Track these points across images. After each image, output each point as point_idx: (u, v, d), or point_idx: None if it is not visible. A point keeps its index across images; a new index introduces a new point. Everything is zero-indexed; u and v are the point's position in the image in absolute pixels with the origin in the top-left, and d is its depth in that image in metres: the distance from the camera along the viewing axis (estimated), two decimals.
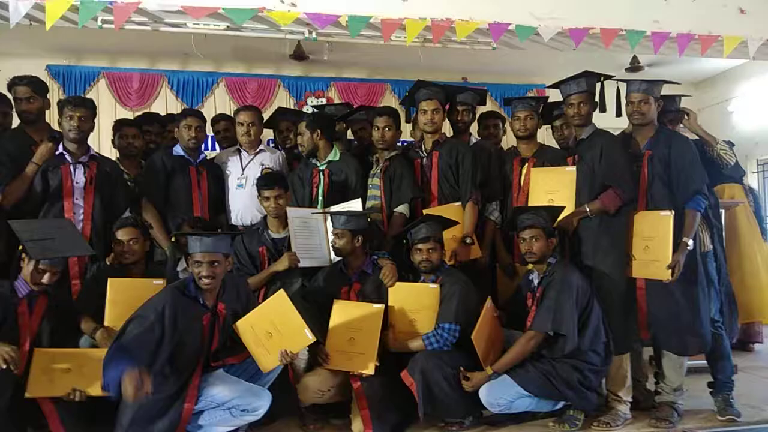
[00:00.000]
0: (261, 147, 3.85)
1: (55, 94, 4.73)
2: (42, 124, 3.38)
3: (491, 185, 3.54)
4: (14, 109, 3.42)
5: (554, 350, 2.89)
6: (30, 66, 4.46)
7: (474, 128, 3.96)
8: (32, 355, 2.64)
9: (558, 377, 2.85)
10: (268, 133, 4.37)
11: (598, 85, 3.36)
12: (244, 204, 3.68)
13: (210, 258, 2.65)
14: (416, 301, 3.04)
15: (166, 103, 5.41)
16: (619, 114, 3.41)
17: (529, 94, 5.66)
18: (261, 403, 2.63)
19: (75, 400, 2.57)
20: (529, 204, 3.29)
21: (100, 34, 3.82)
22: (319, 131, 3.56)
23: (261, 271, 3.22)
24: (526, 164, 3.49)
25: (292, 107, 5.54)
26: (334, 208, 3.32)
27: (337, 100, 5.73)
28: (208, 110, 5.02)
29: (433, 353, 2.90)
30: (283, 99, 5.72)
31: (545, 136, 3.95)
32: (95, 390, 2.61)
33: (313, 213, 3.38)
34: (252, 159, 3.78)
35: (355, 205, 3.35)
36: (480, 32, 3.89)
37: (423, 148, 3.59)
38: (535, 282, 3.03)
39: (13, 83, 3.32)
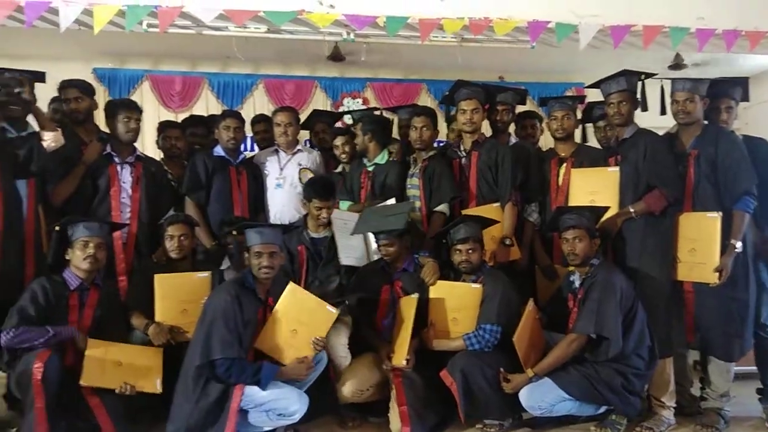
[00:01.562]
0: (298, 147, 3.90)
1: (101, 96, 4.84)
2: (90, 125, 3.51)
3: (530, 186, 3.50)
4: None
5: (597, 353, 2.84)
6: (77, 69, 4.61)
7: (511, 128, 3.93)
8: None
9: (600, 381, 2.80)
10: (305, 133, 4.40)
11: (640, 83, 3.30)
12: (282, 203, 3.74)
13: (270, 249, 2.76)
14: (457, 300, 3.03)
15: (207, 105, 5.50)
16: (663, 112, 3.34)
17: (568, 93, 5.56)
18: (297, 407, 2.67)
19: (126, 393, 2.66)
20: (569, 205, 3.24)
21: (144, 38, 3.92)
22: (371, 133, 3.62)
23: (300, 269, 3.26)
24: (564, 165, 3.44)
25: (328, 108, 5.59)
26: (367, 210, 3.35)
27: (372, 101, 5.76)
28: (248, 111, 5.08)
29: (473, 353, 2.90)
30: (319, 100, 5.76)
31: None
32: (144, 386, 2.72)
33: (351, 214, 3.42)
34: (290, 159, 3.83)
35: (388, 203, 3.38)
36: (518, 30, 3.87)
37: (461, 148, 3.57)
38: (577, 283, 2.98)
39: (63, 86, 3.46)
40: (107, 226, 2.97)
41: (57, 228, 2.88)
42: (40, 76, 3.21)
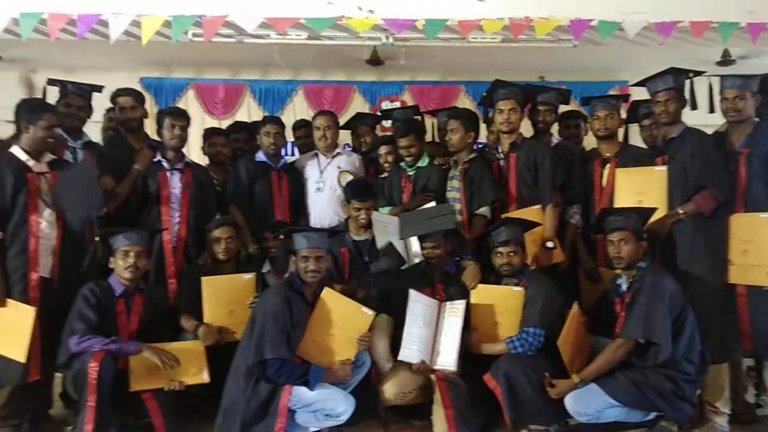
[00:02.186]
0: (338, 150, 3.93)
1: (148, 105, 4.99)
2: (141, 132, 3.64)
3: (573, 187, 3.44)
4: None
5: (646, 359, 2.77)
6: (125, 79, 4.76)
7: (554, 129, 3.87)
8: None
9: (649, 387, 2.73)
10: (346, 137, 4.44)
11: (687, 81, 3.21)
12: (322, 207, 3.78)
13: (317, 253, 2.82)
14: (499, 303, 3.01)
15: (249, 112, 5.61)
16: (712, 110, 3.24)
17: (611, 92, 5.45)
18: (344, 408, 2.71)
19: (176, 389, 2.75)
20: (614, 206, 3.18)
21: (188, 47, 4.02)
22: (423, 139, 3.70)
23: (342, 272, 3.30)
24: (608, 165, 3.37)
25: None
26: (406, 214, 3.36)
27: (410, 104, 5.75)
28: (288, 117, 5.15)
29: (517, 357, 2.87)
30: (358, 104, 5.78)
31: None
32: (192, 379, 2.81)
33: (390, 217, 3.43)
34: (329, 162, 3.87)
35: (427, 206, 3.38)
36: (560, 29, 3.81)
37: (499, 150, 3.54)
38: (624, 287, 2.91)
39: (117, 94, 3.59)
40: (147, 234, 3.05)
41: (97, 239, 2.98)
42: (98, 89, 3.43)
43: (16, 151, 2.94)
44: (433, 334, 2.96)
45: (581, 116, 4.00)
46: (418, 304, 2.94)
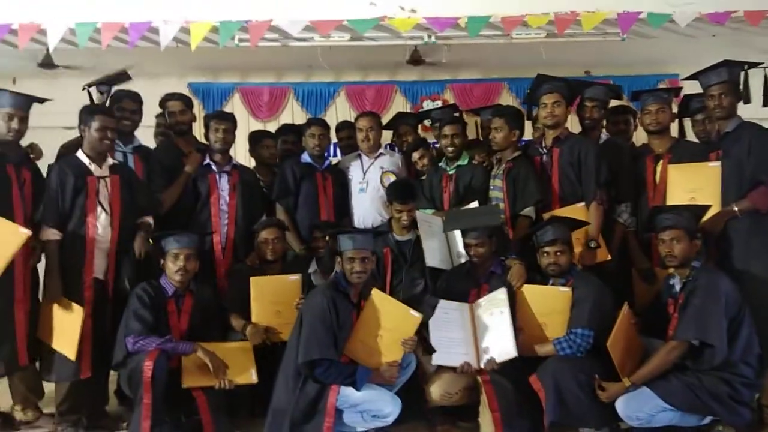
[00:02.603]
0: (381, 151, 3.95)
1: (196, 109, 5.14)
2: (190, 136, 3.74)
3: (621, 185, 3.36)
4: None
5: (700, 362, 2.68)
6: (174, 84, 4.90)
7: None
8: None
9: (704, 390, 2.64)
10: (389, 137, 4.45)
11: (742, 73, 3.09)
12: (365, 208, 3.80)
13: (362, 254, 2.84)
14: (546, 304, 2.97)
15: (292, 114, 5.69)
16: (766, 103, 3.12)
17: (661, 86, 5.29)
18: (390, 409, 2.72)
19: (226, 388, 2.82)
20: (667, 203, 3.09)
21: (234, 52, 4.11)
22: (465, 134, 3.69)
23: (385, 271, 3.30)
24: (661, 161, 3.28)
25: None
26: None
27: (452, 102, 5.71)
28: (330, 118, 5.19)
29: (565, 359, 2.82)
30: (399, 104, 5.78)
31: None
32: (241, 379, 2.87)
33: (435, 217, 3.43)
34: (372, 163, 3.89)
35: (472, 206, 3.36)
36: (606, 23, 3.72)
37: (543, 145, 3.48)
38: (677, 287, 2.82)
39: (166, 99, 3.69)
40: (196, 236, 3.12)
41: (150, 241, 3.07)
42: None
43: (80, 155, 3.09)
44: (472, 334, 2.94)
45: (630, 111, 3.90)
46: (448, 311, 2.97)
